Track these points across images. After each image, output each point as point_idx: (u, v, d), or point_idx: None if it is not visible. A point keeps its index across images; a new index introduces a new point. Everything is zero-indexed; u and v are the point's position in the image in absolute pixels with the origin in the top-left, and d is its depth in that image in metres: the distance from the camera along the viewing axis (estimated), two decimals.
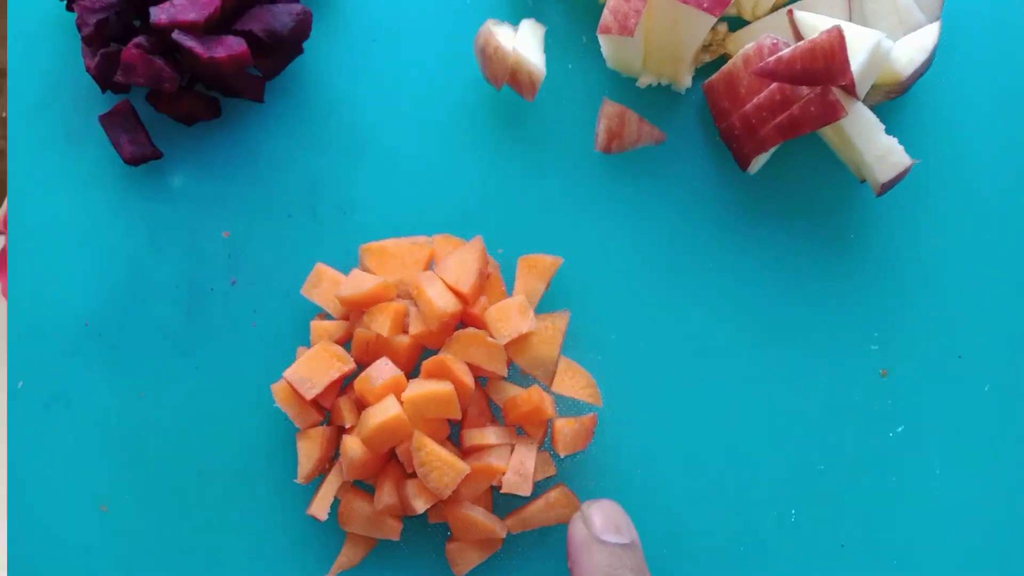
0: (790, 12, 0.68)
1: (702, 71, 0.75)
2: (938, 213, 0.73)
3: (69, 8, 0.78)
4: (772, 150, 0.70)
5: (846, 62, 0.62)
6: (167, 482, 0.71)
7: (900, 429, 0.70)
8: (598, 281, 0.73)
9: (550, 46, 0.75)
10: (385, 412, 0.63)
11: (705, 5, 0.64)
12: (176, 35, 0.71)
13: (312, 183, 0.75)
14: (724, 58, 0.74)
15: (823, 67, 0.63)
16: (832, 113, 0.64)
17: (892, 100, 0.73)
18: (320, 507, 0.67)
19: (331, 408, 0.68)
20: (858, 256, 0.72)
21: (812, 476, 0.70)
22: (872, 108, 0.72)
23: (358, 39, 0.77)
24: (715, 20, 0.65)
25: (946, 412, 0.70)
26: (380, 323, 0.67)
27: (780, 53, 0.64)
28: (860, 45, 0.64)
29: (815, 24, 0.66)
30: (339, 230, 0.74)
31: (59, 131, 0.77)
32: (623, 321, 0.72)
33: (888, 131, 0.68)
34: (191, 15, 0.71)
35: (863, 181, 0.71)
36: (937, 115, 0.74)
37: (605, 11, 0.68)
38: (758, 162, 0.71)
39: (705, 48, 0.73)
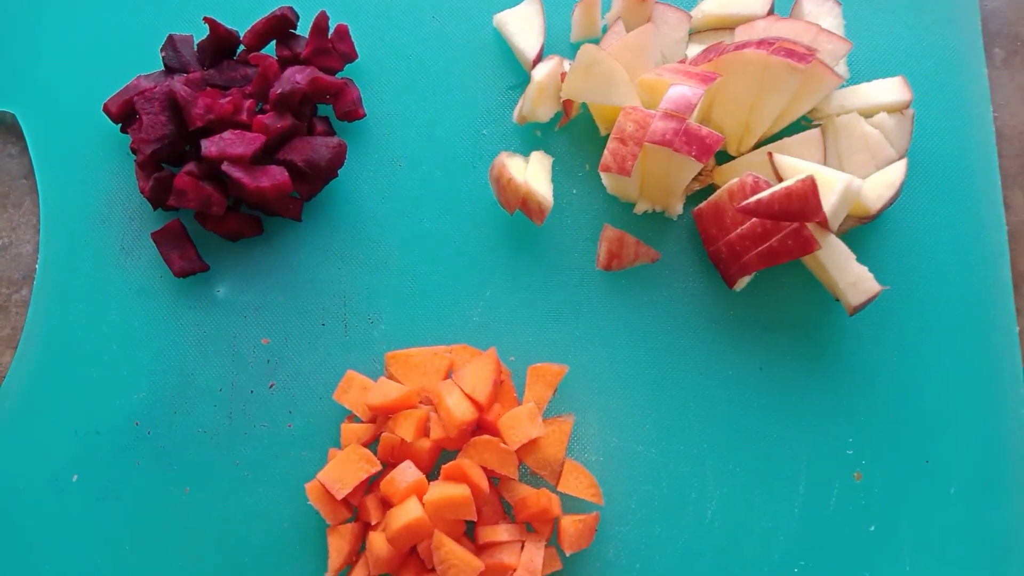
0: (770, 154, 0.76)
1: (692, 198, 0.83)
2: (905, 330, 0.80)
3: (124, 131, 0.88)
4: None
5: (818, 204, 0.71)
6: (208, 572, 0.78)
7: (872, 528, 0.77)
8: (599, 387, 0.80)
9: (556, 174, 0.84)
10: (408, 514, 0.70)
11: (693, 153, 0.73)
12: (225, 167, 0.80)
13: (343, 295, 0.83)
14: (712, 187, 0.83)
15: (798, 208, 0.71)
16: (807, 246, 0.72)
17: (863, 226, 0.81)
18: None
19: (359, 506, 0.76)
20: (834, 368, 0.80)
21: (793, 572, 0.76)
22: (845, 233, 0.81)
23: (385, 165, 0.86)
24: (702, 165, 0.74)
25: (915, 512, 0.77)
26: (404, 429, 0.74)
27: (760, 195, 0.73)
28: (832, 187, 0.72)
29: (792, 165, 0.75)
30: (367, 338, 0.82)
31: (114, 244, 0.86)
32: (622, 424, 0.79)
33: (858, 255, 0.76)
34: (239, 149, 0.80)
35: (838, 299, 0.79)
36: (903, 240, 0.82)
37: (606, 152, 0.76)
38: (743, 281, 0.80)
39: (695, 178, 0.82)
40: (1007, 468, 0.78)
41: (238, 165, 0.80)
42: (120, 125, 0.87)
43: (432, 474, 0.76)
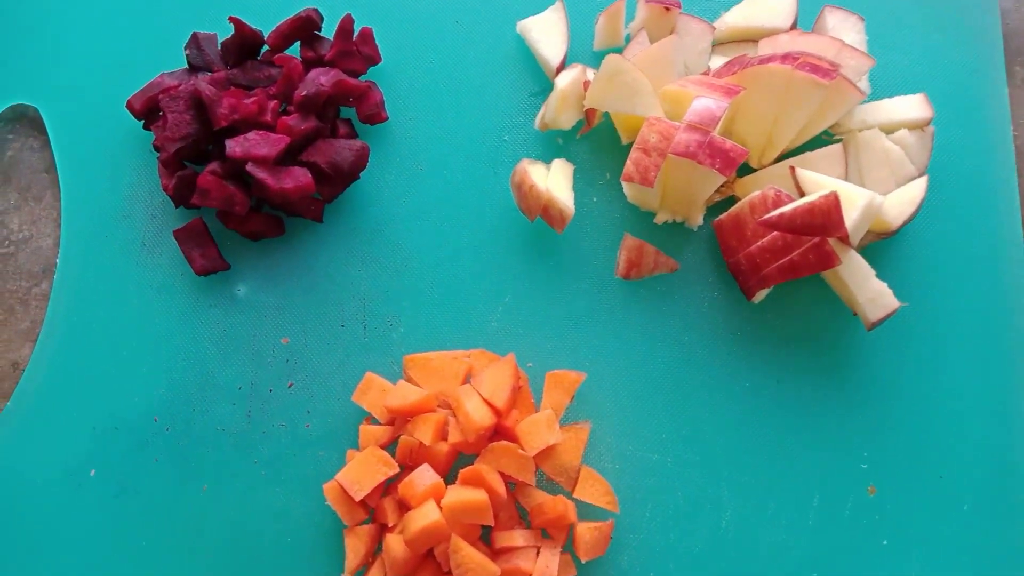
0: (792, 168, 0.77)
1: (712, 209, 0.84)
2: (922, 346, 0.81)
3: (146, 128, 0.88)
4: None
5: (841, 220, 0.71)
6: (224, 570, 0.78)
7: (885, 542, 0.77)
8: (616, 395, 0.81)
9: (577, 181, 0.85)
10: (426, 517, 0.70)
11: (717, 166, 0.73)
12: (249, 167, 0.80)
13: (363, 297, 0.84)
14: (732, 198, 0.83)
15: (820, 224, 0.71)
16: (828, 261, 0.73)
17: (882, 241, 0.82)
18: None
19: (376, 507, 0.76)
20: (850, 382, 0.80)
21: None
22: (864, 248, 0.81)
23: (407, 169, 0.87)
24: (725, 178, 0.74)
25: (928, 527, 0.78)
26: (423, 432, 0.75)
27: (783, 209, 0.73)
28: (854, 203, 0.73)
29: (815, 180, 0.76)
30: (386, 341, 0.83)
31: (136, 241, 0.86)
32: (638, 433, 0.80)
33: (877, 270, 0.76)
34: (263, 150, 0.80)
35: (856, 314, 0.79)
36: (922, 256, 0.83)
37: (628, 162, 0.77)
38: (762, 293, 0.80)
39: (716, 190, 0.82)
40: (1021, 485, 0.78)
41: (262, 166, 0.80)
42: (143, 122, 0.88)
43: (449, 478, 0.76)
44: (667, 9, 0.84)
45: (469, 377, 0.79)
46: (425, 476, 0.73)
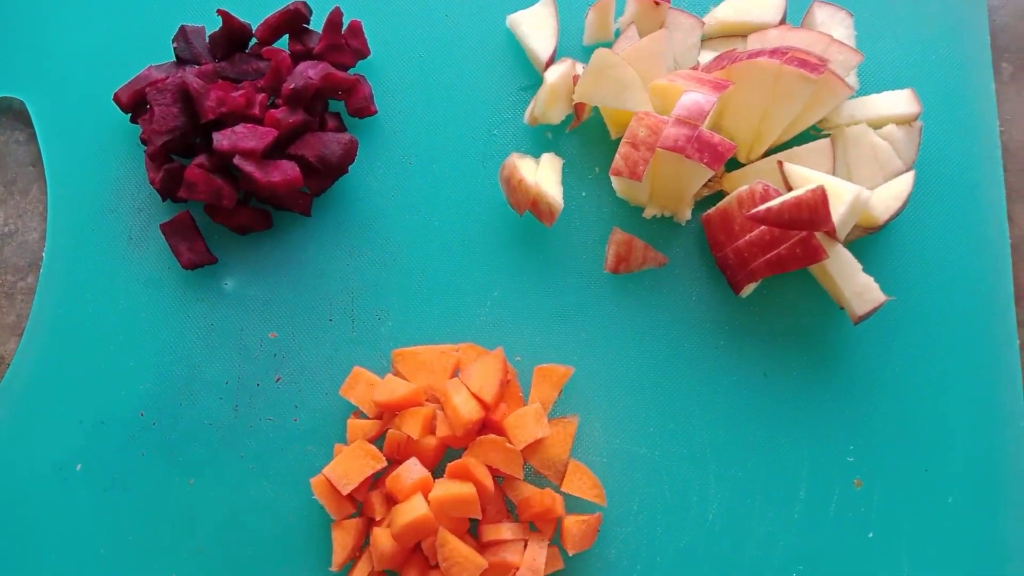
0: (780, 163, 0.77)
1: (701, 204, 0.84)
2: (908, 339, 0.81)
3: (133, 121, 0.88)
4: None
5: (828, 214, 0.71)
6: (212, 564, 0.78)
7: (871, 535, 0.78)
8: (604, 389, 0.81)
9: (566, 176, 0.85)
10: (414, 511, 0.70)
11: (705, 160, 0.73)
12: (237, 160, 0.80)
13: (351, 291, 0.83)
14: (721, 193, 0.83)
15: (807, 218, 0.72)
16: (815, 255, 0.73)
17: (869, 236, 0.82)
18: None
19: (363, 501, 0.76)
20: (837, 376, 0.81)
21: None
22: (851, 243, 0.81)
23: (396, 163, 0.87)
24: (713, 172, 0.75)
25: (914, 520, 0.78)
26: (411, 426, 0.75)
27: (770, 203, 0.73)
28: (841, 197, 0.73)
29: (802, 175, 0.76)
30: (374, 335, 0.82)
31: (122, 235, 0.86)
32: (626, 426, 0.80)
33: (864, 264, 0.77)
34: (251, 143, 0.80)
35: (842, 308, 0.79)
36: (908, 251, 0.83)
37: (617, 156, 0.77)
38: (749, 287, 0.80)
39: (704, 184, 0.82)
40: (1005, 478, 0.79)
41: (250, 159, 0.80)
42: (130, 115, 0.87)
43: (437, 472, 0.76)
44: (657, 4, 0.84)
45: (457, 371, 0.79)
46: (413, 470, 0.73)
